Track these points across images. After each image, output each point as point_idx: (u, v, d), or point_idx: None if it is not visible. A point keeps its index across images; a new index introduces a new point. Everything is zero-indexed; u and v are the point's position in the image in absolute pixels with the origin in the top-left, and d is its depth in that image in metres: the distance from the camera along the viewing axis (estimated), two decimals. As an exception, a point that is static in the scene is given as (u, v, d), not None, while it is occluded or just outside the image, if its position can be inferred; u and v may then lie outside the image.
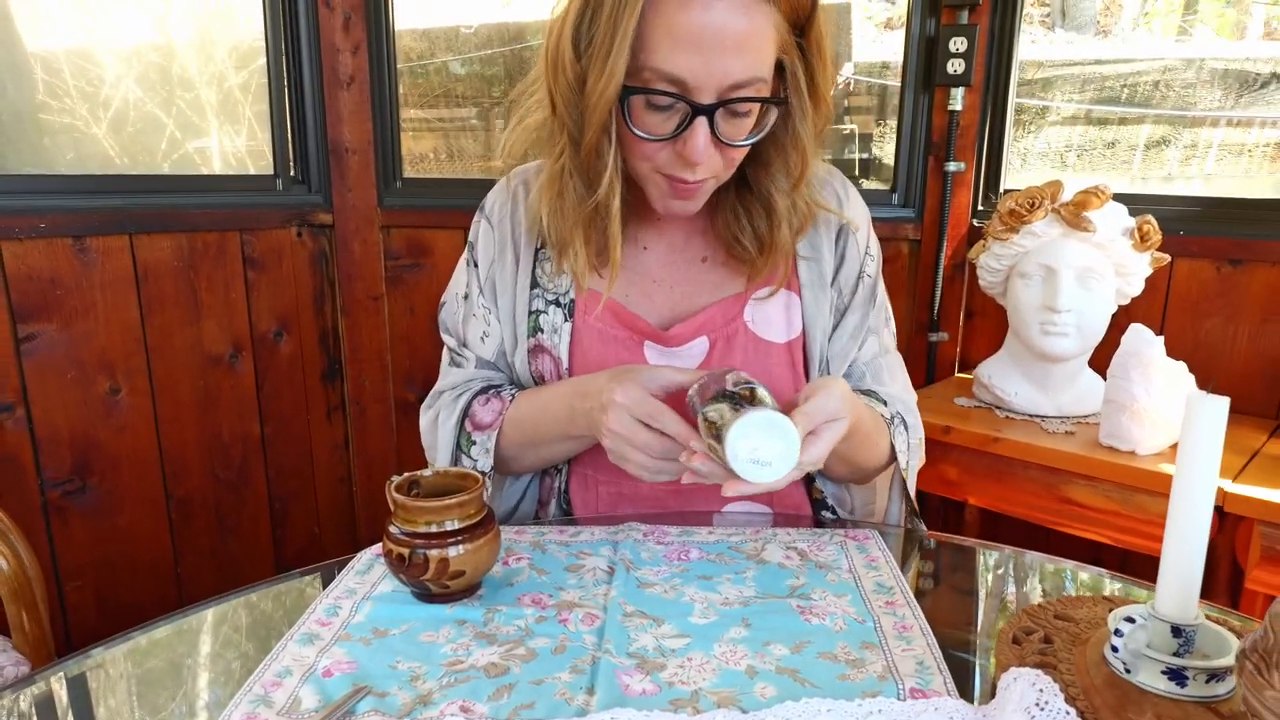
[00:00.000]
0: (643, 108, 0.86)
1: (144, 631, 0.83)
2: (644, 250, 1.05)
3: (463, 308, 1.11)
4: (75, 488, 1.97)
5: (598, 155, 0.90)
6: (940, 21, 2.04)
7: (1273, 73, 2.10)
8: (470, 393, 1.07)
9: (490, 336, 1.08)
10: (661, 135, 0.86)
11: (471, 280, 1.09)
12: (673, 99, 0.83)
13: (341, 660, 0.76)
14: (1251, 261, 1.81)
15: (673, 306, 1.04)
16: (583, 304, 1.03)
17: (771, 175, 0.95)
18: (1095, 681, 0.67)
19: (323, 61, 2.18)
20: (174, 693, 0.75)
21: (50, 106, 2.02)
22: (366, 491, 2.46)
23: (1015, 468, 1.70)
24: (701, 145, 0.85)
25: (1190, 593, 0.65)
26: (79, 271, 1.90)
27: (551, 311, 1.04)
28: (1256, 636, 0.55)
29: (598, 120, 0.87)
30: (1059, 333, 1.72)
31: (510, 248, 1.06)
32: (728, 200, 1.00)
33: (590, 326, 1.03)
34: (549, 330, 1.04)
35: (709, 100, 0.83)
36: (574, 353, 1.03)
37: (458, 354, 1.12)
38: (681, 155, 0.87)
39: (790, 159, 0.94)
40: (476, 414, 1.04)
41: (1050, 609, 0.79)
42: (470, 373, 1.10)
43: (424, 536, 0.82)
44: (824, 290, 1.04)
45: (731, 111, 0.85)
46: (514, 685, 0.72)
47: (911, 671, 0.73)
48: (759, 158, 0.95)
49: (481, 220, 1.09)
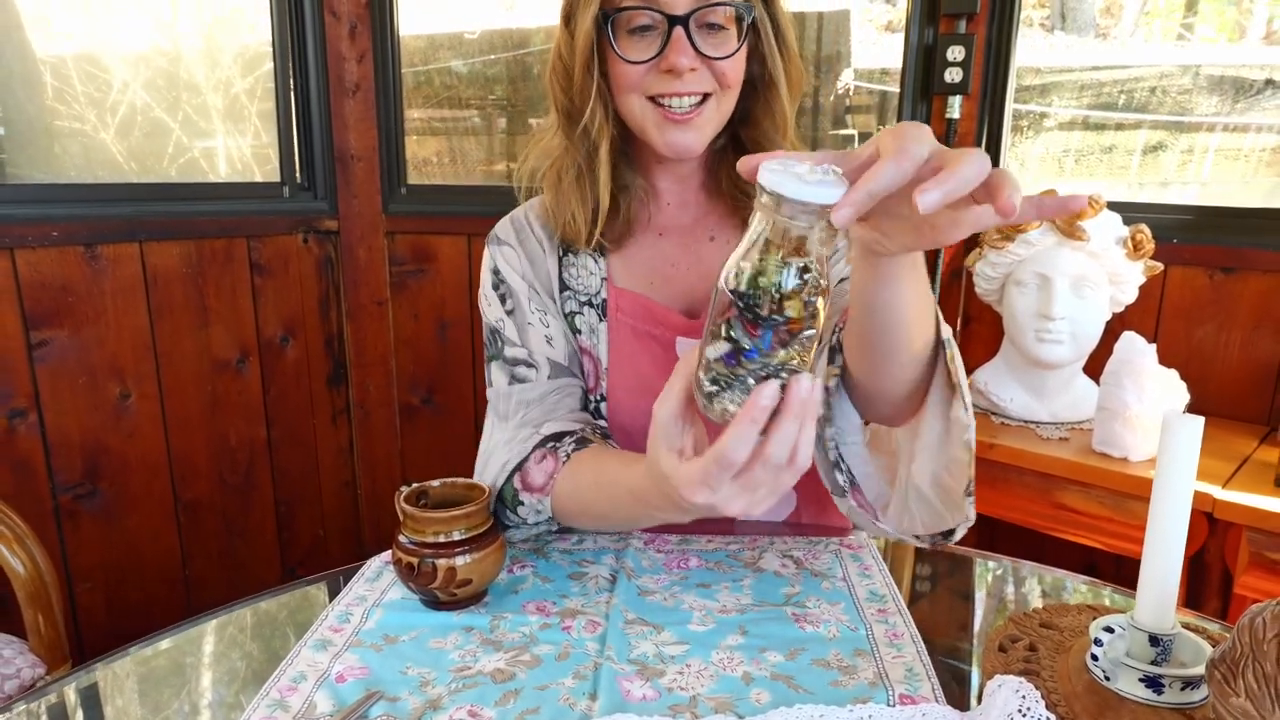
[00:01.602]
0: (625, 35, 0.94)
1: (150, 642, 0.86)
2: (659, 236, 1.07)
3: (510, 322, 1.06)
4: (86, 491, 2.00)
5: (585, 97, 0.97)
6: (939, 30, 2.06)
7: (1268, 79, 2.12)
8: (529, 448, 0.98)
9: (555, 337, 1.06)
10: (645, 56, 0.93)
11: (510, 295, 1.06)
12: (649, 12, 0.91)
13: (354, 666, 0.79)
14: (1243, 270, 1.83)
15: (691, 287, 1.06)
16: (614, 301, 1.05)
17: (762, 129, 1.02)
18: (1076, 688, 0.70)
19: (329, 70, 2.21)
20: (187, 698, 0.78)
21: (59, 112, 2.05)
22: (371, 494, 2.49)
23: (1010, 473, 1.73)
24: (681, 51, 0.91)
25: (1167, 604, 0.68)
26: (90, 278, 1.93)
27: (586, 312, 1.06)
28: (1225, 648, 0.58)
29: (582, 57, 0.95)
30: (1054, 340, 1.75)
31: (538, 256, 1.07)
32: (727, 161, 1.04)
33: (623, 324, 1.05)
34: (586, 331, 1.06)
35: (683, 11, 0.91)
36: (612, 352, 1.05)
37: (518, 372, 1.05)
38: (666, 67, 0.92)
39: (775, 107, 1.01)
40: (529, 474, 0.96)
41: (1036, 617, 0.82)
42: (542, 388, 1.03)
43: (432, 546, 0.85)
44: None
45: (706, 25, 0.92)
46: (519, 691, 0.75)
47: (901, 678, 0.76)
48: (748, 119, 1.02)
49: (496, 248, 1.09)
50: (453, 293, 2.36)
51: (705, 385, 0.64)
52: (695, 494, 0.66)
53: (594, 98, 0.97)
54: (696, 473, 0.66)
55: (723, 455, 0.63)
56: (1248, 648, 0.55)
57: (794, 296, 0.59)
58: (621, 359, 1.05)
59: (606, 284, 1.06)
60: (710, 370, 0.63)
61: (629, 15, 0.92)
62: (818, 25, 2.42)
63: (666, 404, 0.68)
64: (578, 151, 1.01)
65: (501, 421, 1.04)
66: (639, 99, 0.96)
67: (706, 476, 0.65)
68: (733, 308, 0.60)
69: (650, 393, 1.00)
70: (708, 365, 0.63)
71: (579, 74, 0.96)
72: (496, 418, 1.05)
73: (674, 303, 1.05)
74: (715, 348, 0.62)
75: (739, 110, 1.01)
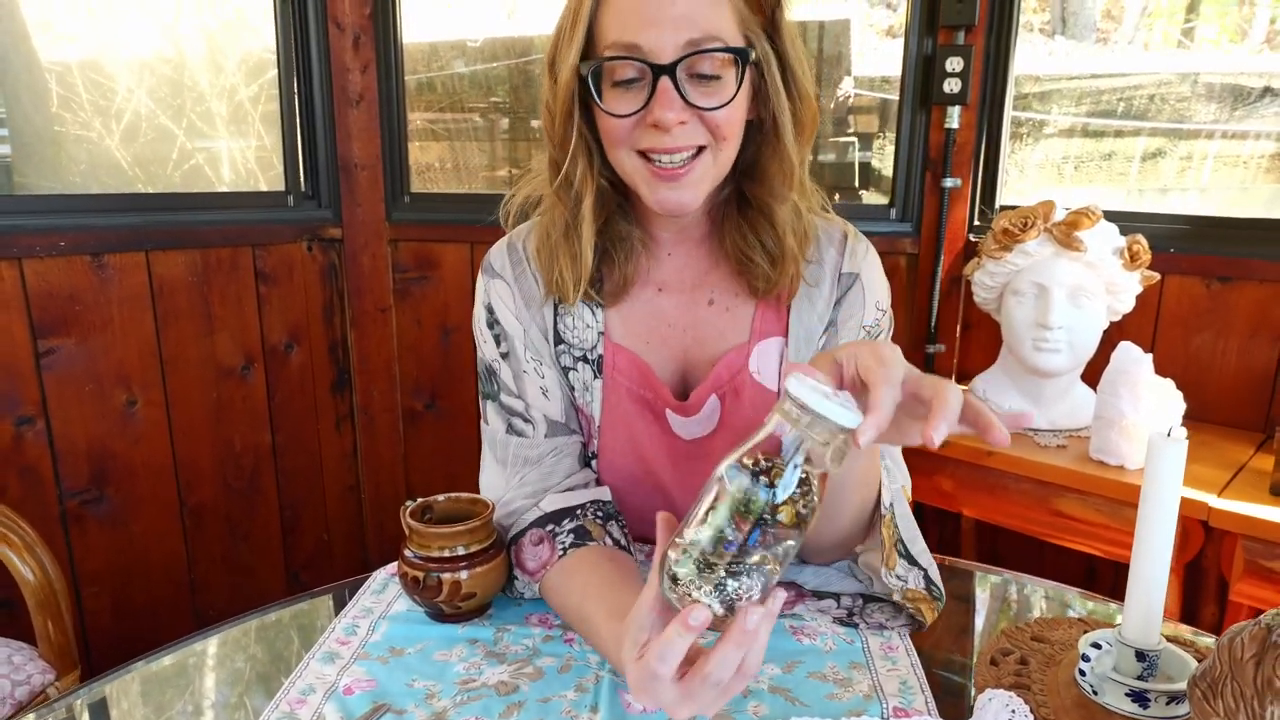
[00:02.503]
0: (610, 88, 0.87)
1: (156, 658, 0.88)
2: (658, 292, 1.01)
3: (505, 367, 1.02)
4: (93, 497, 2.02)
5: (566, 148, 0.91)
6: (937, 41, 2.08)
7: (1266, 86, 2.14)
8: (525, 523, 0.96)
9: (550, 389, 1.01)
10: (630, 110, 0.86)
11: (504, 338, 1.02)
12: (633, 63, 0.84)
13: (361, 678, 0.81)
14: (1240, 279, 1.85)
15: (685, 350, 1.01)
16: (610, 359, 1.00)
17: (768, 185, 0.94)
18: (1065, 702, 0.72)
19: (333, 80, 2.23)
20: (195, 712, 0.80)
21: (65, 120, 2.07)
22: (374, 499, 2.51)
23: (1008, 481, 1.75)
24: (668, 105, 0.83)
25: (1153, 620, 0.70)
26: (97, 287, 1.96)
27: (581, 369, 1.01)
28: (1206, 665, 0.59)
29: (562, 106, 0.88)
30: (1051, 349, 1.77)
31: (534, 297, 1.02)
32: (732, 219, 0.98)
33: (619, 384, 1.00)
34: (580, 388, 1.01)
35: (668, 60, 0.83)
36: (605, 412, 1.01)
37: (514, 424, 1.02)
38: (652, 121, 0.85)
39: (782, 155, 0.92)
40: (523, 552, 0.94)
41: (1027, 631, 0.84)
42: (539, 448, 1.01)
43: (437, 560, 0.87)
44: (810, 343, 1.01)
45: (697, 75, 0.85)
46: (523, 703, 0.77)
47: (895, 691, 0.77)
48: (753, 172, 0.95)
49: (491, 280, 1.03)
50: (455, 299, 2.38)
51: (671, 562, 0.62)
52: (639, 697, 0.65)
53: (576, 150, 0.91)
54: (636, 678, 0.64)
55: (648, 665, 0.62)
56: (1227, 667, 0.56)
57: (790, 504, 0.60)
58: (615, 420, 1.01)
59: (604, 339, 1.00)
60: (682, 549, 0.62)
61: (612, 66, 0.85)
62: (819, 34, 2.44)
63: (648, 590, 0.66)
64: (564, 206, 0.95)
65: (499, 465, 1.03)
66: (628, 154, 0.89)
67: (641, 681, 0.64)
68: (727, 496, 0.60)
69: (641, 458, 1.02)
70: (684, 546, 0.62)
71: (560, 125, 0.90)
72: (494, 459, 1.04)
73: (666, 367, 1.01)
74: (697, 530, 0.61)
75: (744, 158, 0.94)
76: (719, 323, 1.01)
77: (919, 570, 0.87)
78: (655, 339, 1.01)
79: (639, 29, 0.83)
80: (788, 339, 1.00)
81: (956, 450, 1.79)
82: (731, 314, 1.01)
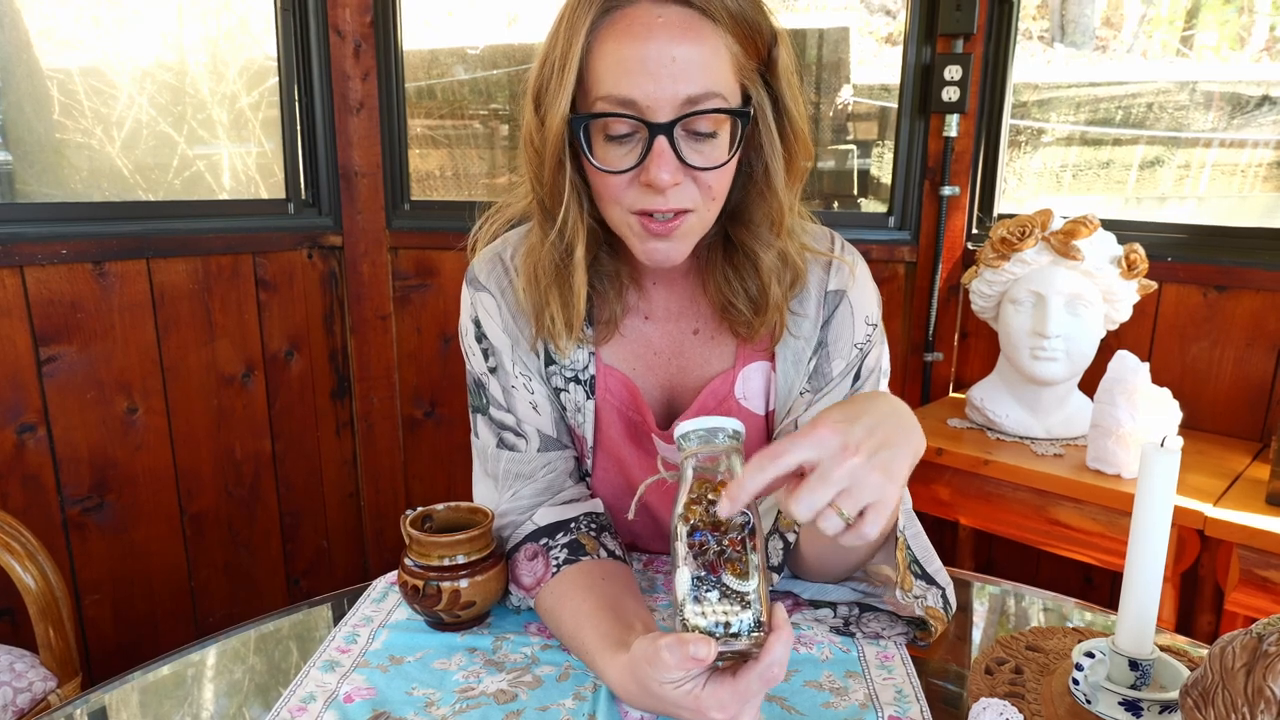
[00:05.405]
0: (603, 142, 0.83)
1: (155, 667, 0.89)
2: (645, 320, 1.01)
3: (494, 381, 1.01)
4: (94, 504, 2.03)
5: (558, 198, 0.88)
6: (936, 49, 2.09)
7: (1264, 95, 2.15)
8: (520, 537, 0.96)
9: (540, 405, 1.00)
10: (624, 167, 0.83)
11: (492, 352, 1.01)
12: (628, 119, 0.81)
13: (361, 686, 0.81)
14: (1237, 288, 1.86)
15: (670, 378, 1.01)
16: (603, 380, 1.00)
17: (754, 231, 0.92)
18: (1059, 711, 0.72)
19: (333, 88, 2.24)
20: (195, 718, 0.80)
21: (66, 127, 2.08)
22: (374, 506, 2.52)
23: (1005, 489, 1.76)
24: (663, 165, 0.81)
25: (1146, 629, 0.71)
26: (98, 295, 1.96)
27: (573, 390, 1.00)
28: (1198, 675, 0.60)
29: (552, 153, 0.85)
30: (1048, 357, 1.77)
31: (521, 315, 1.00)
32: (716, 264, 0.96)
33: (610, 405, 1.00)
34: (571, 409, 1.01)
35: (666, 119, 0.80)
36: (598, 433, 1.01)
37: (505, 438, 1.02)
38: (647, 181, 0.82)
39: (771, 205, 0.90)
40: (518, 567, 0.94)
41: (1022, 639, 0.84)
42: (532, 462, 1.00)
43: (437, 569, 0.88)
44: (799, 365, 0.99)
45: (693, 132, 0.82)
46: (522, 711, 0.77)
47: (891, 699, 0.78)
48: (741, 215, 0.93)
49: (477, 293, 1.02)
50: (455, 306, 2.38)
51: (682, 625, 0.66)
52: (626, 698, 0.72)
53: (568, 198, 0.88)
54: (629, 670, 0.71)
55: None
56: (1218, 675, 0.57)
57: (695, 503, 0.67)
58: (607, 440, 1.01)
59: (595, 359, 0.99)
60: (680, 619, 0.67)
61: (605, 121, 0.82)
62: (818, 42, 2.45)
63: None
64: (554, 251, 0.92)
65: (490, 480, 1.03)
66: (620, 210, 0.87)
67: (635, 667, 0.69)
68: (677, 538, 0.67)
69: (631, 482, 1.02)
70: (679, 604, 0.67)
71: (549, 172, 0.87)
72: (484, 473, 1.03)
73: (652, 392, 1.01)
74: (677, 584, 0.67)
75: (731, 200, 0.91)
76: (704, 350, 1.01)
77: (937, 589, 0.88)
78: (641, 365, 1.01)
79: (635, 82, 0.79)
80: (774, 363, 0.99)
81: (954, 459, 1.79)
82: (716, 341, 1.01)
